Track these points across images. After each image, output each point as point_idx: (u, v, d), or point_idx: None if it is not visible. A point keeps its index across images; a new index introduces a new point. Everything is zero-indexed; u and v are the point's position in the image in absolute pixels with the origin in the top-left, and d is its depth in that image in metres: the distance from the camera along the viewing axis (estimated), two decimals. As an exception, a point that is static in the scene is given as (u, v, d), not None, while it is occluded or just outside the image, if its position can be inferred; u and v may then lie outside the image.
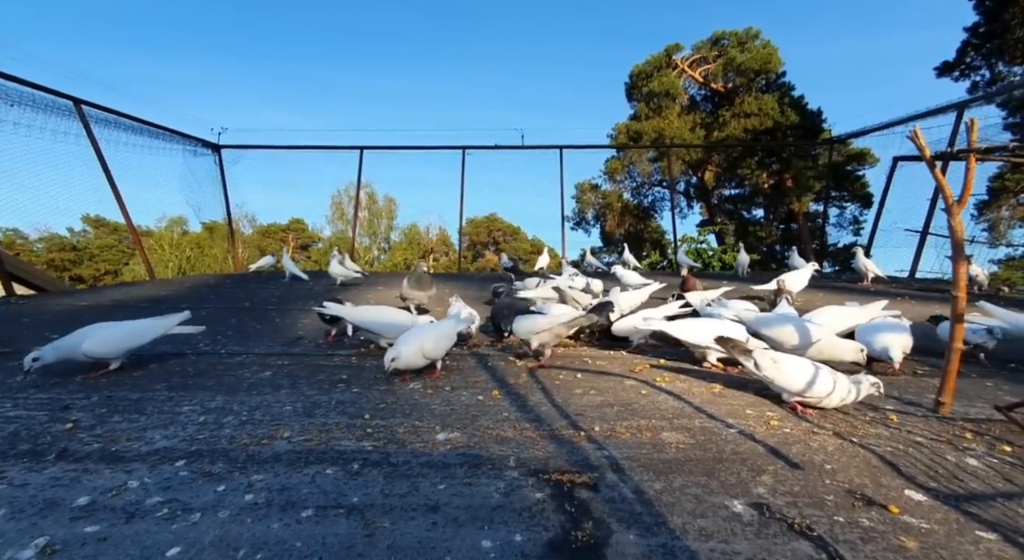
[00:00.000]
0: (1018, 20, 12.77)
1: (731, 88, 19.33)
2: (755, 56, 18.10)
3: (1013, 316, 3.32)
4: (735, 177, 21.54)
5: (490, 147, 11.30)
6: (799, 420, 2.28)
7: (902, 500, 1.59)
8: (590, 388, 2.81)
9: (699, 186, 23.26)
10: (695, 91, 20.82)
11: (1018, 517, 1.48)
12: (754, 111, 17.93)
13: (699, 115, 20.33)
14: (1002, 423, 2.13)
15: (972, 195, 2.42)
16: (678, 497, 1.63)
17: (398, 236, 37.31)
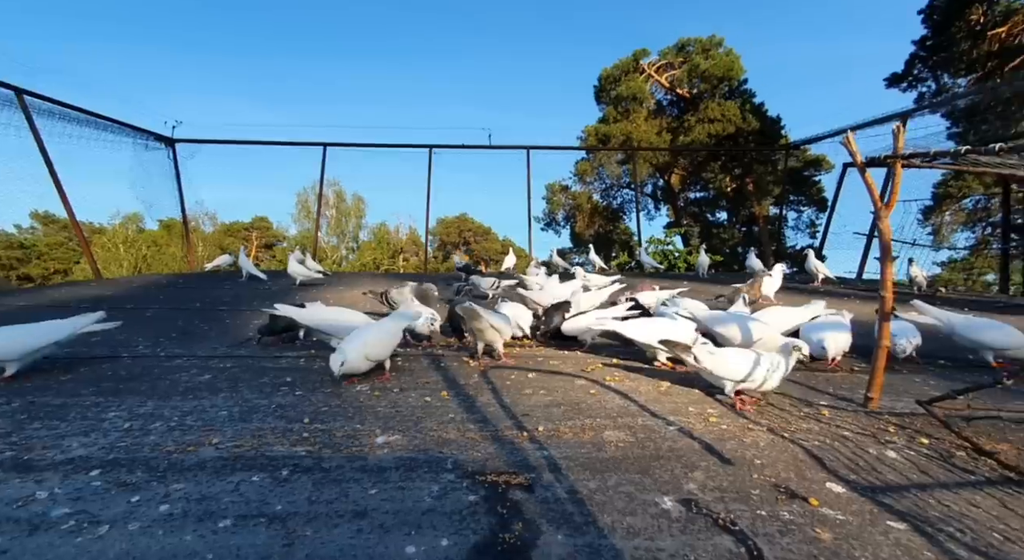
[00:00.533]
0: (963, 34, 13.54)
1: (696, 94, 19.82)
2: (718, 63, 18.61)
3: (945, 315, 3.49)
4: (700, 181, 22.09)
5: (457, 146, 11.23)
6: (737, 416, 2.34)
7: (823, 493, 1.64)
8: (540, 388, 2.81)
9: (666, 189, 23.74)
10: (661, 96, 21.24)
11: (928, 507, 1.55)
12: (717, 117, 18.42)
13: (665, 119, 20.75)
14: (923, 417, 2.23)
15: (917, 201, 2.53)
16: (611, 496, 1.64)
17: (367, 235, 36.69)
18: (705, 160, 20.36)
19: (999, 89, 9.38)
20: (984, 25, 12.79)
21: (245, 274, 7.90)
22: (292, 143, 11.96)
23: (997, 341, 3.12)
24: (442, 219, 37.87)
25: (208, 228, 32.57)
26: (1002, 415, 2.12)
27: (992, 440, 2.00)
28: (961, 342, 3.31)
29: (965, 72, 13.80)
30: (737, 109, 18.32)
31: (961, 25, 13.18)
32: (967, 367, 3.37)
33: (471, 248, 36.91)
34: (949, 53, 13.61)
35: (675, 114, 21.20)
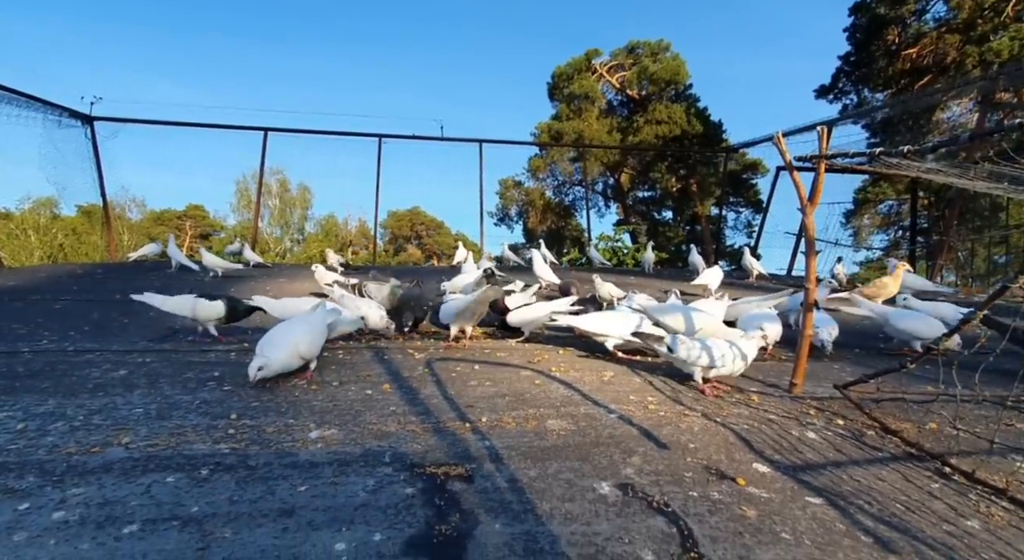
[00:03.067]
0: (881, 53, 14.73)
1: (644, 95, 20.41)
2: (666, 67, 19.25)
3: (879, 307, 3.79)
4: (648, 180, 22.82)
5: (407, 136, 10.96)
6: (674, 403, 2.42)
7: (750, 473, 1.72)
8: (486, 379, 2.79)
9: (616, 187, 24.35)
10: (612, 96, 21.72)
11: (841, 483, 1.66)
12: (664, 119, 19.07)
13: (616, 119, 21.24)
14: (840, 400, 2.40)
15: (839, 203, 2.70)
16: (550, 483, 1.64)
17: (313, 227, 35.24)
18: (653, 160, 21.04)
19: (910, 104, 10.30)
20: (899, 45, 13.98)
21: (175, 264, 7.34)
22: (229, 126, 11.23)
23: (922, 330, 3.42)
24: (394, 212, 37.00)
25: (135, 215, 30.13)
26: (905, 397, 2.32)
27: (897, 419, 2.18)
28: (891, 331, 3.59)
29: (883, 87, 15.02)
30: (683, 112, 19.04)
31: (879, 44, 14.32)
32: (877, 354, 3.68)
33: (423, 242, 36.34)
34: (869, 69, 14.76)
35: (625, 115, 21.74)
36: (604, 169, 23.11)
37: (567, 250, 20.58)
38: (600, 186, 25.15)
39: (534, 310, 3.46)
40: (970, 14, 12.49)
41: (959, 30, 12.92)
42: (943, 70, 13.28)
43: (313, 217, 35.77)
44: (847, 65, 15.33)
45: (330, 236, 34.19)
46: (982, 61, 11.76)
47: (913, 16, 13.86)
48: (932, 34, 13.56)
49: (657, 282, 7.42)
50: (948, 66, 13.13)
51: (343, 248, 33.80)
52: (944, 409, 2.15)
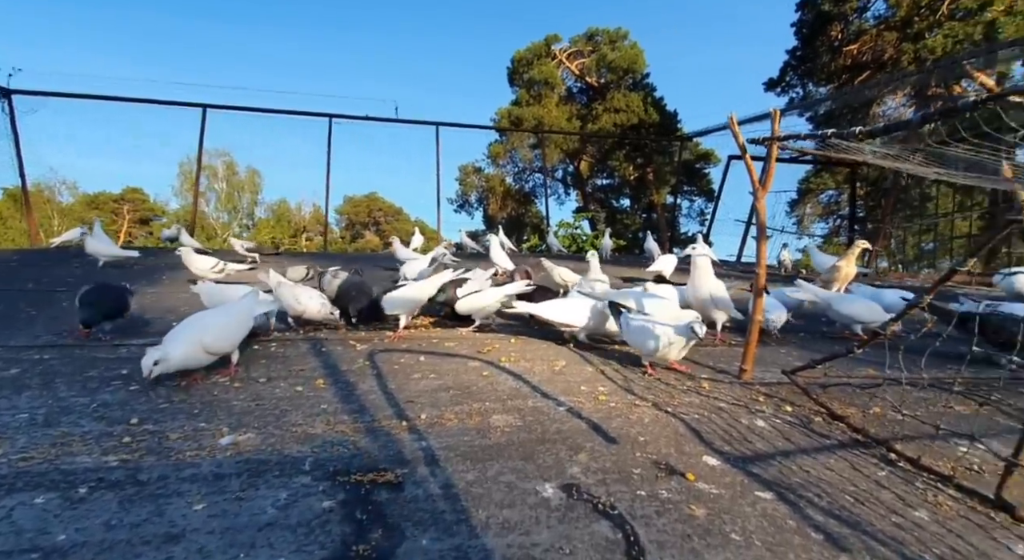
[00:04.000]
0: (824, 48, 15.29)
1: (603, 83, 20.42)
2: (624, 55, 19.28)
3: (823, 292, 3.86)
4: (607, 168, 22.99)
5: (360, 117, 10.44)
6: (626, 393, 2.33)
7: (699, 466, 1.63)
8: (431, 372, 2.61)
9: (575, 175, 24.41)
10: (572, 83, 21.60)
11: (791, 474, 1.60)
12: (622, 107, 19.16)
13: (575, 106, 21.18)
14: (788, 386, 2.38)
15: (785, 192, 2.67)
16: (489, 487, 1.50)
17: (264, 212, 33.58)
18: (611, 148, 21.16)
19: (849, 97, 10.72)
20: (841, 41, 14.53)
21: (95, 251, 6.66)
22: (162, 102, 10.30)
23: (863, 315, 3.50)
24: (351, 197, 35.79)
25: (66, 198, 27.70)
26: (851, 381, 2.33)
27: (843, 405, 2.17)
28: (833, 316, 3.66)
29: (826, 82, 15.62)
30: (640, 101, 19.19)
31: (824, 39, 14.84)
32: (822, 338, 3.76)
33: (381, 228, 35.34)
34: (814, 64, 15.30)
35: (584, 102, 21.71)
36: (564, 156, 23.09)
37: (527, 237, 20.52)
38: (560, 173, 25.15)
39: (483, 297, 3.30)
40: (907, 12, 13.10)
41: (897, 28, 13.54)
42: (881, 66, 13.93)
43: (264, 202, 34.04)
44: (794, 59, 15.82)
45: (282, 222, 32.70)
46: (917, 57, 12.38)
47: (855, 13, 14.41)
48: (872, 31, 14.16)
49: (614, 268, 7.43)
50: (886, 62, 13.77)
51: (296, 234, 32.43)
52: (887, 394, 2.16)
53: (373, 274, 6.04)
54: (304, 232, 32.32)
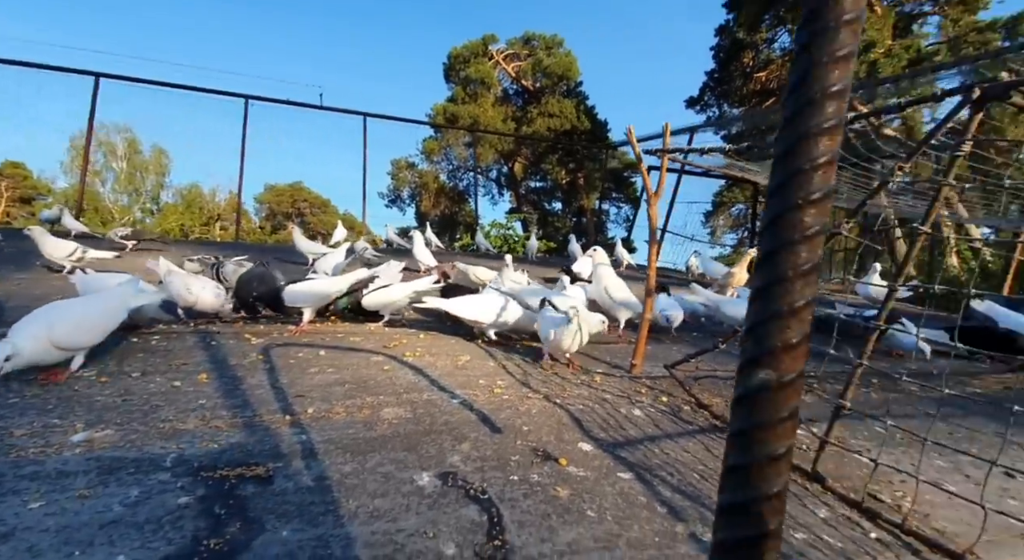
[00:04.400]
0: (738, 73, 16.66)
1: (538, 88, 20.84)
2: (559, 62, 19.81)
3: (713, 296, 4.20)
4: (540, 171, 23.46)
5: (280, 101, 9.88)
6: (521, 386, 2.42)
7: (574, 452, 1.74)
8: (329, 366, 2.55)
9: (509, 176, 24.68)
10: (508, 85, 21.83)
11: (652, 457, 1.75)
12: (556, 112, 19.66)
13: (511, 108, 21.42)
14: (668, 379, 2.59)
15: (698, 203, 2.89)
16: (365, 478, 1.50)
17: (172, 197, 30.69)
18: (545, 152, 21.64)
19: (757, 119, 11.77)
20: (752, 68, 15.91)
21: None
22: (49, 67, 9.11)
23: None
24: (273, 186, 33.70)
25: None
26: (718, 373, 2.59)
27: (712, 395, 2.40)
28: (721, 317, 4.00)
29: (739, 104, 17.02)
30: (573, 108, 19.79)
31: (737, 65, 16.17)
32: (712, 337, 4.12)
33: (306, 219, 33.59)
34: (729, 86, 16.62)
35: (520, 105, 22.01)
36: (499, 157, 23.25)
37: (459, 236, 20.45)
38: (494, 173, 25.32)
39: (392, 292, 3.26)
40: (806, 48, 14.57)
41: (798, 61, 15.03)
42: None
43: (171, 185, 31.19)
44: (712, 81, 17.07)
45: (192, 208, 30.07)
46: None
47: (764, 43, 15.83)
48: (778, 61, 15.63)
49: (540, 269, 7.63)
50: (788, 91, 15.25)
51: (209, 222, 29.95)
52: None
53: (286, 268, 5.75)
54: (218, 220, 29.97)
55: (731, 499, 0.44)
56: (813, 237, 0.43)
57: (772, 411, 0.43)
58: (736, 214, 20.73)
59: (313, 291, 3.19)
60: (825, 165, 0.43)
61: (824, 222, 0.43)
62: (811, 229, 0.43)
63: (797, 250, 0.43)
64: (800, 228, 0.43)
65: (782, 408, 0.43)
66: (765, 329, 0.44)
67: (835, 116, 0.43)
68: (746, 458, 0.43)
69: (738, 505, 0.43)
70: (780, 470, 0.43)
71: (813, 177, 0.43)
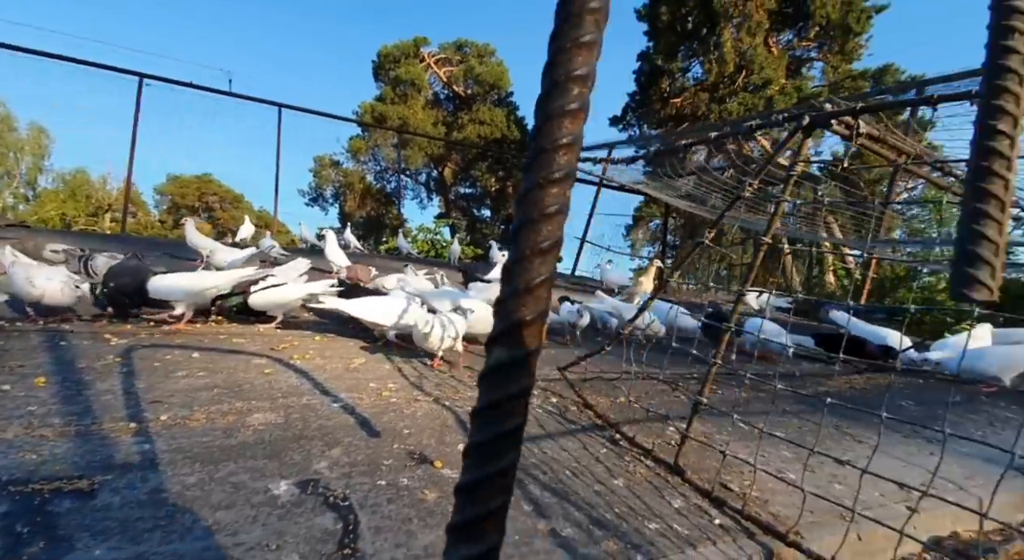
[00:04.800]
0: (656, 98, 17.83)
1: (470, 94, 20.94)
2: (491, 70, 20.05)
3: (619, 304, 4.38)
4: (470, 177, 23.50)
5: (181, 83, 9.04)
6: (412, 389, 2.35)
7: (452, 454, 1.72)
8: (201, 369, 2.33)
9: (439, 180, 24.47)
10: (439, 89, 21.73)
11: (531, 456, 1.77)
12: (487, 120, 19.85)
13: (442, 112, 21.32)
14: (561, 381, 2.66)
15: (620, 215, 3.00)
16: (211, 489, 1.37)
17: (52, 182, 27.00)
18: (475, 159, 21.73)
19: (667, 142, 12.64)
20: (669, 94, 17.10)
21: None
22: None
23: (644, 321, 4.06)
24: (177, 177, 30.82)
25: None
26: (604, 375, 2.69)
27: (599, 396, 2.49)
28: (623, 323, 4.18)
29: (656, 126, 18.20)
30: (504, 117, 20.09)
31: (655, 90, 17.31)
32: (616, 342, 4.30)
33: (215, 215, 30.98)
34: (648, 109, 17.73)
35: (451, 110, 21.97)
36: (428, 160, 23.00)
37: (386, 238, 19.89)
38: (424, 177, 25.00)
39: (283, 291, 3.07)
40: (715, 79, 15.95)
41: (708, 90, 16.39)
42: (696, 119, 16.69)
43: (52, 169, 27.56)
44: (633, 102, 18.12)
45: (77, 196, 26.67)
46: (720, 116, 15.11)
47: (680, 72, 17.09)
48: (691, 89, 16.92)
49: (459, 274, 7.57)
50: (700, 117, 16.54)
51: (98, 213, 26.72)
52: (633, 385, 2.55)
53: (174, 263, 5.24)
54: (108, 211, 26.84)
55: (465, 478, 0.43)
56: (553, 216, 0.44)
57: (504, 388, 0.43)
58: (654, 228, 22.05)
59: (182, 285, 2.91)
60: (566, 147, 0.44)
61: (563, 202, 0.45)
62: (551, 208, 0.44)
63: (538, 228, 0.44)
64: (540, 207, 0.44)
65: (513, 385, 0.43)
66: (505, 307, 0.44)
67: (577, 99, 0.44)
68: (481, 436, 0.43)
69: (470, 484, 0.43)
70: (509, 447, 0.42)
71: (555, 157, 0.44)
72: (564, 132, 0.44)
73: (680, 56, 16.91)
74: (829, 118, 1.48)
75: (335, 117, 11.65)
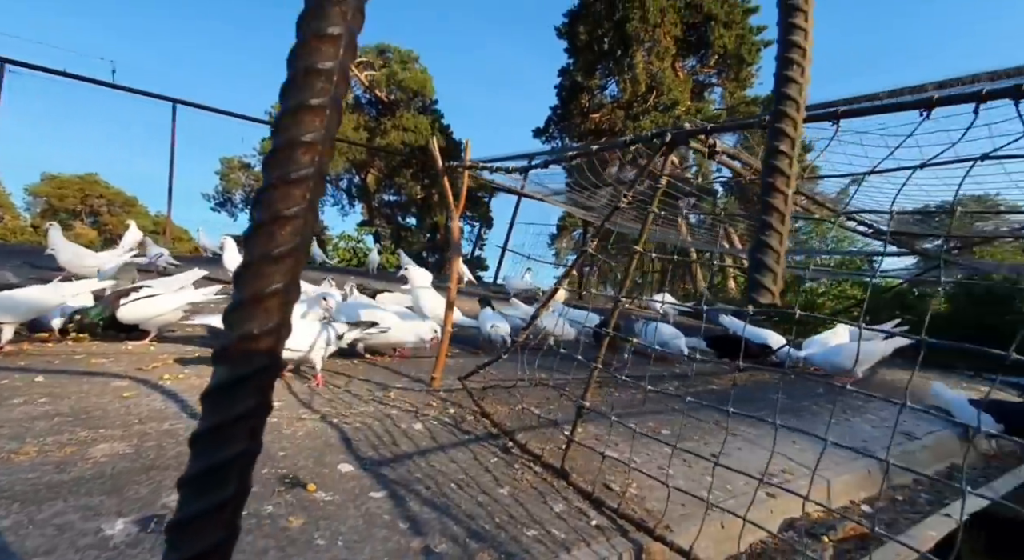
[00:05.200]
0: (577, 112, 18.56)
1: (393, 100, 20.52)
2: (414, 77, 19.80)
3: (530, 310, 4.43)
4: (394, 185, 22.96)
5: (54, 72, 7.99)
6: (299, 407, 2.21)
7: (330, 475, 1.61)
8: (44, 395, 2.02)
9: (362, 187, 23.68)
10: (360, 93, 21.08)
11: (417, 471, 1.71)
12: (411, 127, 19.54)
13: (363, 117, 20.69)
14: (461, 391, 2.63)
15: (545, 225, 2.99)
16: (28, 532, 1.18)
17: None
18: (399, 166, 21.28)
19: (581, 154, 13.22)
20: (588, 109, 17.89)
21: None
22: None
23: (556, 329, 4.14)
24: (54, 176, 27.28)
25: None
26: (503, 384, 2.70)
27: (498, 404, 2.49)
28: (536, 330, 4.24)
29: (577, 140, 18.93)
30: (428, 125, 19.88)
31: (576, 105, 18.03)
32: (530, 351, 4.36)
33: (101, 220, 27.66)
34: (569, 123, 18.41)
35: (373, 115, 21.39)
36: (350, 166, 22.19)
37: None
38: (345, 183, 24.07)
39: (156, 303, 2.77)
40: (630, 97, 16.91)
41: (623, 108, 17.34)
42: (614, 134, 17.58)
43: None
44: (555, 116, 18.73)
45: (-82, 195, 22.73)
46: (635, 132, 16.03)
47: (598, 89, 17.95)
48: (609, 106, 17.82)
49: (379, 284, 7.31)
50: (616, 133, 17.45)
51: (-52, 216, 22.98)
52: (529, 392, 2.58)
53: (35, 275, 4.58)
54: (-38, 213, 23.13)
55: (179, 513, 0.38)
56: (290, 219, 0.41)
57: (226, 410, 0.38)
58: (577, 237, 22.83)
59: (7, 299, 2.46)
60: (308, 145, 0.41)
61: (303, 206, 0.41)
62: (288, 210, 0.41)
63: (271, 232, 0.40)
64: (275, 209, 0.41)
65: (238, 407, 0.39)
66: (230, 319, 0.40)
67: (322, 94, 0.42)
68: (199, 465, 0.38)
69: (184, 521, 0.38)
70: (231, 477, 0.38)
71: (294, 156, 0.41)
72: (305, 129, 0.41)
73: (598, 74, 17.78)
74: (688, 136, 1.60)
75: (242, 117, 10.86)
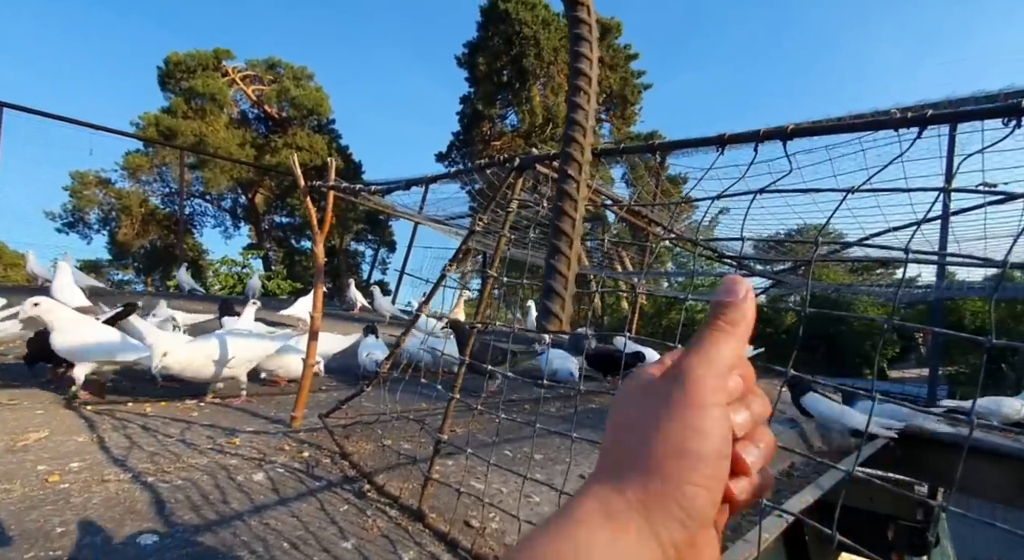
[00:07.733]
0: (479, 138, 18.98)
1: (285, 117, 19.40)
2: (308, 94, 18.93)
3: None
4: (287, 205, 21.51)
5: None
6: (108, 466, 1.82)
7: (123, 553, 1.32)
8: None
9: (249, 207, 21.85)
10: (247, 107, 19.68)
11: (245, 531, 1.47)
12: (306, 146, 18.54)
13: (251, 133, 19.27)
14: (323, 430, 2.38)
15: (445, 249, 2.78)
16: None
17: None
18: (292, 186, 20.01)
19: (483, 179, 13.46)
20: (489, 136, 18.39)
21: None
22: None
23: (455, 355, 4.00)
24: None
25: None
26: (363, 419, 2.51)
27: (363, 441, 2.29)
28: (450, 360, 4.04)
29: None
30: (324, 144, 19.03)
31: (478, 132, 18.46)
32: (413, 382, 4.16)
33: (-102, 243, 22.29)
34: (471, 149, 18.74)
35: (263, 132, 20.02)
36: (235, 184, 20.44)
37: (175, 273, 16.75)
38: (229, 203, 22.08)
39: None
40: (528, 127, 17.69)
41: (523, 137, 18.07)
42: (514, 162, 18.22)
43: None
44: (457, 141, 18.99)
45: None
46: (532, 162, 16.72)
47: (498, 118, 18.56)
48: (509, 134, 18.46)
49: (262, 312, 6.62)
50: (516, 160, 18.10)
51: None
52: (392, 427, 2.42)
53: None
54: None
55: None
56: None
57: None
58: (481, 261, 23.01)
59: None
60: None
61: None
62: None
63: None
64: None
65: None
66: None
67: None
68: None
69: None
70: None
71: None
72: None
73: (498, 104, 18.40)
74: (534, 161, 1.63)
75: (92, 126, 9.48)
